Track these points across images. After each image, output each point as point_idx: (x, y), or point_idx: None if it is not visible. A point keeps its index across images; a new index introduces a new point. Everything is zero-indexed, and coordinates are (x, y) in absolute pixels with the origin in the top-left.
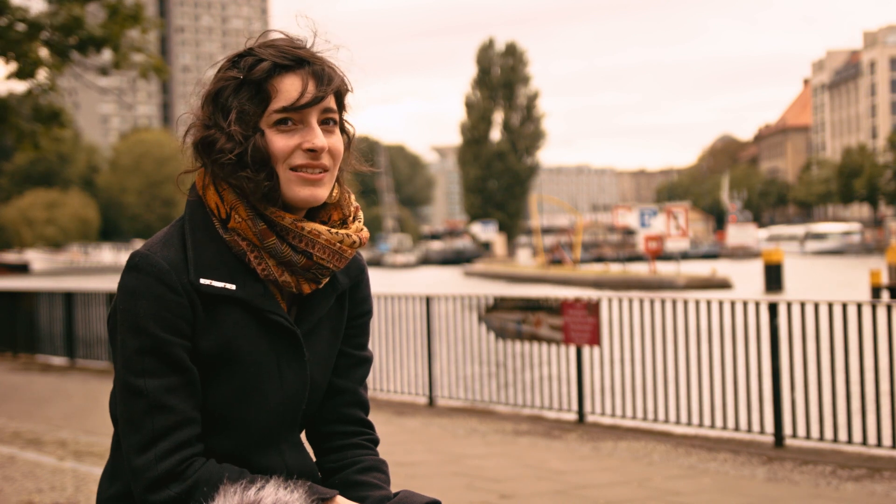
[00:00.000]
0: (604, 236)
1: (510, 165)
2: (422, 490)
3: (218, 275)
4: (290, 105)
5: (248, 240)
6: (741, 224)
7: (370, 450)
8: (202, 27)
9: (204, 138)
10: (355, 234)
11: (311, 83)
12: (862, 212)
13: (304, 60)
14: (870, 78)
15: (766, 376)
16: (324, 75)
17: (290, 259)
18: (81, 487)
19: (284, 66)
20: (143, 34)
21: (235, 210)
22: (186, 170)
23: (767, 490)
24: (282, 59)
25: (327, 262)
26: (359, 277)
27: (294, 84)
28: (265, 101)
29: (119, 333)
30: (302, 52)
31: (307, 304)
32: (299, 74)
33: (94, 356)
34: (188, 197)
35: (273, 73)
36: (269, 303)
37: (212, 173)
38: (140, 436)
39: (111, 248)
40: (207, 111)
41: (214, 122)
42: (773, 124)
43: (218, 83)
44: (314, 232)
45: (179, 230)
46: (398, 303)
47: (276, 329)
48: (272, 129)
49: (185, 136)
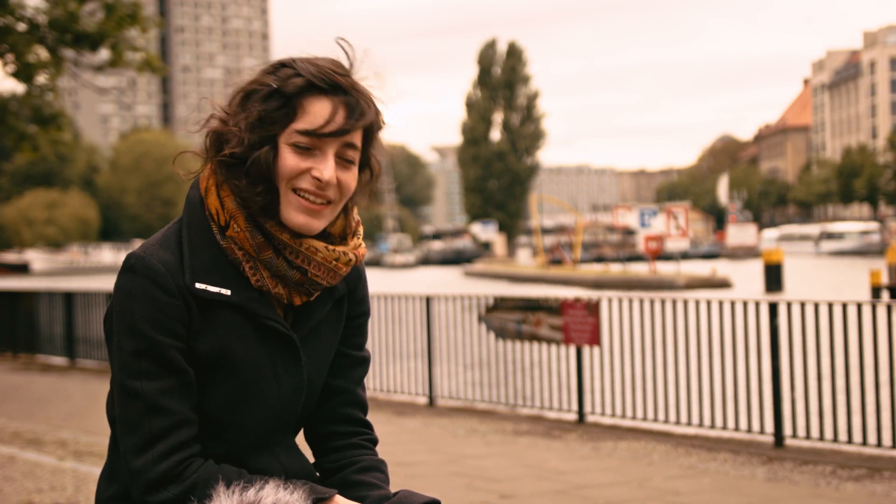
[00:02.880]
0: (604, 236)
1: (510, 165)
2: (422, 490)
3: (213, 279)
4: (312, 129)
5: (244, 250)
6: (741, 224)
7: (369, 450)
8: (202, 27)
9: (218, 131)
10: (351, 252)
11: (341, 113)
12: (862, 212)
13: (341, 88)
14: (870, 78)
15: (765, 376)
16: (357, 108)
17: (285, 273)
18: (81, 487)
19: (319, 88)
20: (142, 33)
21: (235, 219)
22: (189, 150)
23: (767, 490)
24: (319, 80)
25: (321, 279)
26: (356, 281)
27: (323, 109)
28: (291, 116)
29: (115, 335)
30: (341, 80)
31: (304, 309)
32: (332, 101)
33: (94, 356)
34: (189, 190)
35: (306, 92)
36: (264, 308)
37: (214, 171)
38: (137, 438)
39: (111, 248)
40: (233, 108)
41: (235, 121)
42: (773, 124)
43: (252, 85)
44: (311, 249)
45: (177, 232)
46: (398, 303)
47: (272, 334)
48: (289, 147)
49: (206, 122)
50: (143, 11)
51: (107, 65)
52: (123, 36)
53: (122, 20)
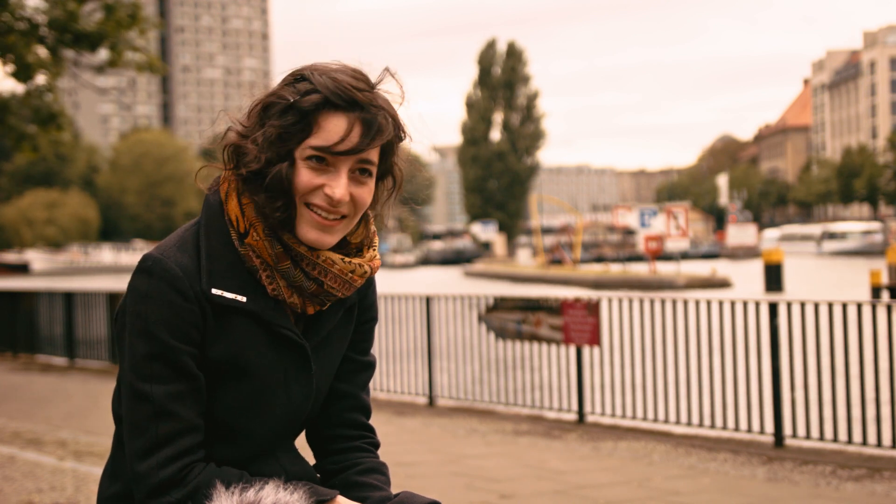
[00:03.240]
0: (604, 236)
1: (510, 165)
2: (422, 490)
3: (230, 286)
4: (326, 146)
5: (262, 259)
6: (741, 224)
7: (371, 453)
8: (202, 27)
9: (237, 145)
10: (367, 265)
11: (357, 131)
12: (862, 212)
13: (358, 104)
14: (870, 78)
15: (766, 376)
16: (374, 125)
17: (302, 284)
18: (81, 487)
19: (335, 105)
20: (142, 34)
21: (255, 228)
22: (209, 164)
23: (767, 490)
24: (335, 96)
25: (337, 290)
26: (366, 288)
27: (339, 126)
28: (306, 132)
29: (127, 336)
30: (359, 96)
31: (316, 318)
32: (348, 117)
33: (94, 356)
34: (208, 192)
35: (322, 108)
36: (278, 317)
37: (235, 184)
38: (143, 441)
39: (111, 248)
40: (252, 121)
41: (254, 134)
42: (773, 124)
43: (270, 97)
44: (328, 261)
45: (195, 235)
46: (398, 303)
47: (285, 343)
48: (304, 161)
49: (225, 134)
50: (143, 12)
51: (106, 65)
52: (123, 37)
53: (120, 21)
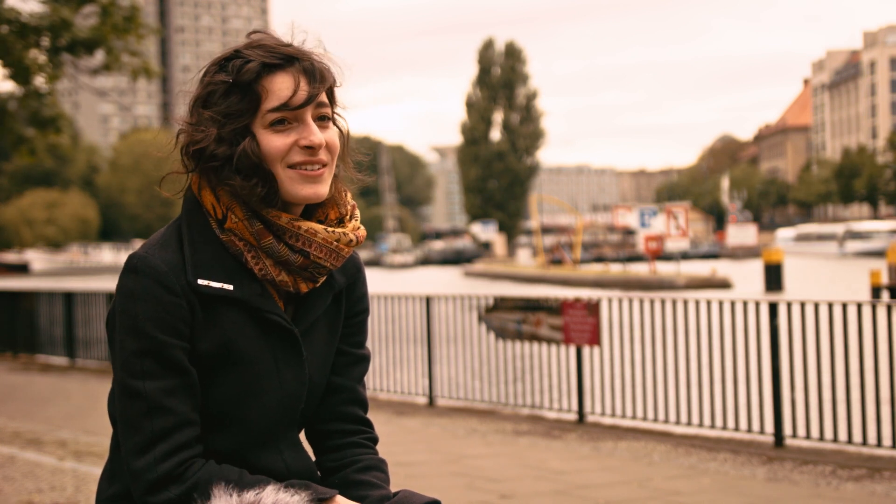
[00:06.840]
0: (604, 236)
1: (510, 165)
2: (422, 490)
3: (215, 275)
4: (285, 104)
5: (244, 240)
6: (741, 224)
7: (369, 448)
8: (202, 27)
9: (192, 144)
10: (352, 233)
11: (304, 81)
12: (862, 212)
13: (293, 58)
14: (870, 78)
15: (766, 376)
16: (315, 71)
17: (288, 258)
18: (81, 487)
19: (274, 66)
20: (139, 40)
21: (232, 210)
22: (173, 171)
23: (767, 490)
24: (270, 58)
25: (324, 260)
26: (355, 276)
27: (286, 83)
28: (256, 102)
29: (118, 335)
30: (290, 50)
31: (304, 303)
32: (290, 73)
33: (94, 356)
34: (184, 195)
35: (262, 74)
36: (266, 302)
37: (206, 178)
38: (139, 438)
39: (111, 248)
40: (196, 116)
41: (204, 127)
42: (773, 124)
43: (206, 87)
44: (311, 231)
45: (176, 231)
46: (398, 303)
47: (274, 328)
48: (267, 129)
49: (176, 139)
50: (141, 15)
51: (102, 68)
52: (119, 40)
53: (116, 25)
